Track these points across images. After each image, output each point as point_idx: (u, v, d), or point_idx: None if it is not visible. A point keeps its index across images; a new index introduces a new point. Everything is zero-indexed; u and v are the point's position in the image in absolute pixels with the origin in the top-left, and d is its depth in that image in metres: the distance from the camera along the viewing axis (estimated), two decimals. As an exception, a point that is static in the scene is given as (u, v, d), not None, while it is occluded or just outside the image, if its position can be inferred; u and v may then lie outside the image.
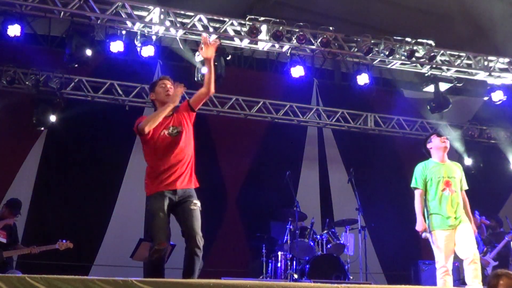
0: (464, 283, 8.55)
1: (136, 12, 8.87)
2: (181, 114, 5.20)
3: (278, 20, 9.38)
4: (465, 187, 6.20)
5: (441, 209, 5.84)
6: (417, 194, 6.01)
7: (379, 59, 10.16)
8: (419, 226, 5.89)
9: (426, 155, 6.40)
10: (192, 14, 9.09)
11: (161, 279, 4.65)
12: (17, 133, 10.29)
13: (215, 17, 9.30)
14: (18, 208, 8.18)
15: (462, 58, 10.52)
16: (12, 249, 7.87)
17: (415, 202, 5.99)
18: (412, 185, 6.11)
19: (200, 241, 5.13)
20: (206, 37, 5.31)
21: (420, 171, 6.14)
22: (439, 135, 6.37)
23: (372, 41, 9.82)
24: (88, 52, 8.73)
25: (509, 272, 4.25)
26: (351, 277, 8.77)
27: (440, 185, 5.94)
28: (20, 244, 8.17)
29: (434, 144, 6.30)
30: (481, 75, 10.75)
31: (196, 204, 5.09)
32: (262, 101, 11.30)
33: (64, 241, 8.09)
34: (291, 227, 8.89)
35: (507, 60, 10.66)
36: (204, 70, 9.22)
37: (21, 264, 9.05)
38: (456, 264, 9.61)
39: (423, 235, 5.87)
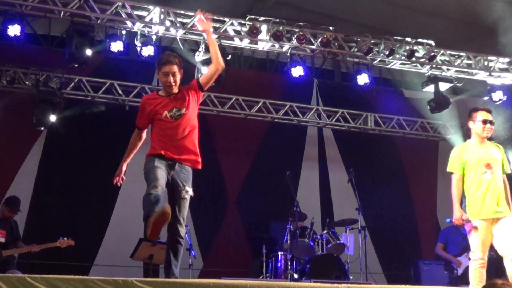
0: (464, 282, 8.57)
1: (136, 12, 8.87)
2: (188, 93, 5.20)
3: (278, 20, 9.38)
4: (508, 170, 5.66)
5: (480, 196, 5.44)
6: (454, 179, 5.63)
7: (379, 59, 10.16)
8: (456, 214, 5.53)
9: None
10: (192, 14, 9.08)
11: (161, 279, 4.66)
12: (17, 133, 10.29)
13: (215, 17, 9.28)
14: (17, 205, 8.18)
15: (462, 58, 10.52)
16: (11, 248, 7.86)
17: (452, 188, 5.62)
18: (448, 169, 5.72)
19: (182, 231, 5.06)
20: (199, 13, 5.35)
21: (457, 153, 5.65)
22: (485, 122, 5.61)
23: (372, 41, 9.82)
24: (88, 52, 8.73)
25: (506, 282, 3.97)
26: (351, 277, 8.77)
27: (480, 168, 5.48)
28: (21, 242, 8.15)
29: (476, 128, 5.66)
30: (481, 75, 10.76)
31: (188, 192, 5.04)
32: (262, 101, 11.30)
33: (65, 238, 8.05)
34: (291, 227, 8.89)
35: (507, 60, 10.66)
36: (205, 70, 9.27)
37: (21, 264, 9.04)
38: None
39: (464, 217, 5.46)
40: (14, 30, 8.38)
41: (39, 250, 7.93)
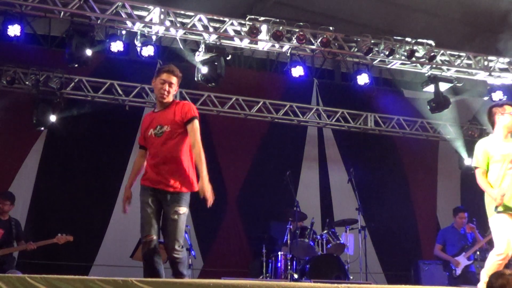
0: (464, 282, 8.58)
1: (136, 12, 8.87)
2: (174, 114, 4.94)
3: (278, 20, 9.38)
4: None
5: (506, 190, 5.30)
6: (479, 173, 5.51)
7: (379, 59, 10.16)
8: (496, 194, 5.30)
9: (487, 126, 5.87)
10: (192, 14, 9.09)
11: (161, 279, 4.65)
12: (17, 133, 10.29)
13: (215, 17, 9.30)
14: (11, 198, 8.20)
15: (462, 58, 10.52)
16: (7, 247, 7.83)
17: (479, 182, 5.48)
18: (473, 164, 5.61)
19: (178, 251, 4.82)
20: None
21: (482, 148, 5.53)
22: None
23: (372, 41, 9.82)
24: (88, 52, 8.73)
25: None
26: (351, 277, 8.77)
27: (506, 163, 5.36)
28: (23, 241, 8.12)
29: (504, 121, 5.51)
30: (481, 75, 10.75)
31: (177, 212, 4.80)
32: (262, 101, 11.30)
33: (63, 234, 8.03)
34: (291, 227, 8.89)
35: (507, 60, 10.66)
36: (204, 70, 9.28)
37: (21, 264, 9.04)
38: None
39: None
40: (14, 30, 8.38)
41: (36, 247, 7.90)
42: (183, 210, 4.87)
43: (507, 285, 3.70)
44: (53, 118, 9.91)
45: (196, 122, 4.96)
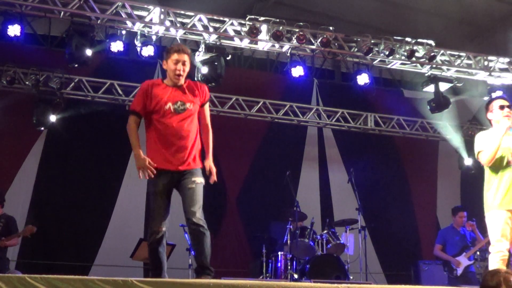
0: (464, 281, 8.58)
1: (136, 12, 8.87)
2: (195, 89, 4.94)
3: (278, 20, 9.38)
4: None
5: (504, 186, 5.26)
6: (482, 154, 5.39)
7: (379, 59, 10.15)
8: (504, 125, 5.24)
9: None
10: (192, 14, 9.09)
11: (161, 279, 4.65)
12: (17, 133, 10.29)
13: (215, 17, 9.30)
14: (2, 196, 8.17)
15: (462, 58, 10.51)
16: None
17: (487, 156, 5.32)
18: (477, 149, 5.48)
19: (200, 219, 4.83)
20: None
21: (486, 137, 5.46)
22: (502, 107, 5.43)
23: (372, 41, 9.82)
24: (88, 52, 8.73)
25: (510, 271, 3.91)
26: (351, 277, 8.76)
27: (505, 158, 5.32)
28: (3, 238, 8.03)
29: (495, 115, 5.47)
30: (481, 75, 10.75)
31: (194, 182, 4.84)
32: (262, 101, 11.30)
33: (29, 225, 7.95)
34: (291, 227, 8.89)
35: (507, 60, 10.65)
36: (204, 70, 9.28)
37: (21, 264, 9.05)
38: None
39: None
40: (14, 30, 8.37)
41: (7, 244, 7.84)
42: (200, 179, 4.92)
43: (502, 283, 3.66)
44: (53, 118, 9.91)
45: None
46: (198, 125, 4.99)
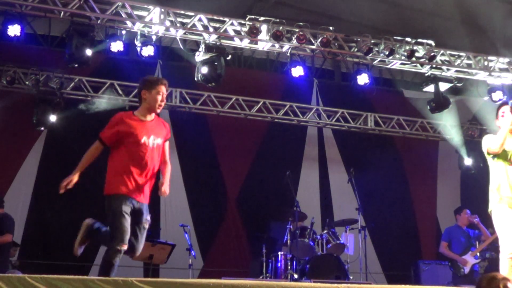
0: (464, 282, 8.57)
1: (136, 12, 8.87)
2: (162, 129, 5.14)
3: (278, 20, 9.38)
4: None
5: (509, 185, 5.35)
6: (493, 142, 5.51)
7: (379, 59, 10.16)
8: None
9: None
10: (192, 14, 9.09)
11: (161, 279, 4.65)
12: (17, 133, 10.29)
13: (215, 17, 9.30)
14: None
15: (462, 58, 10.52)
16: None
17: (496, 144, 5.43)
18: (486, 148, 5.54)
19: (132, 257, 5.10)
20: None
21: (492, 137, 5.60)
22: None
23: (372, 41, 9.82)
24: (88, 52, 8.73)
25: (507, 277, 3.79)
26: (351, 277, 8.77)
27: (509, 155, 5.44)
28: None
29: (499, 124, 5.62)
30: (481, 75, 10.75)
31: (148, 221, 5.04)
32: (262, 101, 11.30)
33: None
34: (291, 227, 8.89)
35: (507, 60, 10.66)
36: (204, 70, 9.28)
37: (21, 264, 9.05)
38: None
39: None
40: (14, 30, 8.38)
41: None
42: (149, 220, 5.09)
43: None
44: (53, 118, 9.91)
45: None
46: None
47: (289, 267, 8.59)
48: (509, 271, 5.15)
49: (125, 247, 4.83)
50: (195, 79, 9.43)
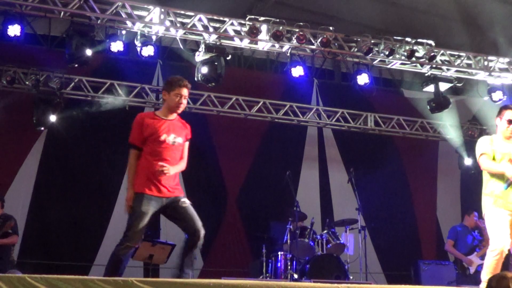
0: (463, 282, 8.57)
1: (136, 12, 8.87)
2: (183, 129, 5.24)
3: (278, 20, 9.38)
4: None
5: (503, 189, 5.36)
6: (484, 158, 5.53)
7: (379, 59, 10.16)
8: (510, 173, 5.29)
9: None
10: (192, 14, 9.09)
11: (161, 279, 4.66)
12: (17, 133, 10.29)
13: (215, 17, 9.30)
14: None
15: (462, 58, 10.52)
16: None
17: (486, 165, 5.49)
18: (479, 152, 5.60)
19: (202, 237, 5.22)
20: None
21: (487, 142, 5.61)
22: (510, 121, 5.54)
23: (372, 41, 9.82)
24: (88, 52, 8.73)
25: None
26: (351, 277, 8.77)
27: (505, 162, 5.43)
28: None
29: (502, 126, 5.63)
30: (481, 75, 10.75)
31: (185, 202, 5.11)
32: (262, 101, 11.30)
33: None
34: (291, 227, 8.89)
35: (507, 60, 10.65)
36: (204, 70, 9.28)
37: (21, 264, 9.05)
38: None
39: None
40: (14, 30, 8.37)
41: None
42: (188, 201, 5.15)
43: None
44: (53, 118, 9.91)
45: None
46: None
47: (289, 267, 8.59)
48: (494, 268, 5.26)
49: (135, 246, 4.98)
50: (195, 79, 9.43)
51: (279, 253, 8.86)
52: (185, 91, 5.16)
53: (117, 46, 8.96)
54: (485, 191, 5.54)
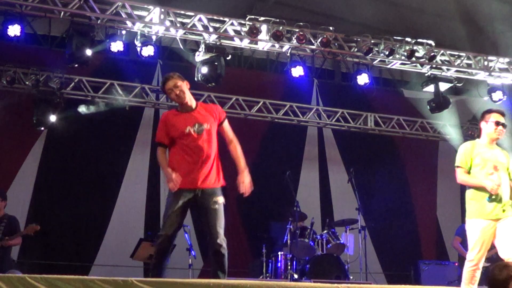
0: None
1: (136, 12, 8.87)
2: (207, 110, 5.24)
3: (278, 20, 9.37)
4: None
5: (484, 196, 5.26)
6: (460, 172, 5.48)
7: (379, 59, 10.15)
8: (494, 187, 5.19)
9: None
10: (192, 14, 9.09)
11: (161, 279, 4.66)
12: (17, 133, 10.29)
13: (215, 17, 9.29)
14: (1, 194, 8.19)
15: (462, 58, 10.52)
16: None
17: (463, 179, 5.46)
18: (457, 163, 5.55)
19: (223, 241, 5.27)
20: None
21: (467, 149, 5.52)
22: (497, 123, 5.48)
23: (372, 41, 9.82)
24: (88, 52, 8.73)
25: None
26: (351, 277, 8.77)
27: (487, 168, 5.34)
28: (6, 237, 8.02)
29: (488, 128, 5.54)
30: (481, 75, 10.75)
31: (217, 202, 5.14)
32: (262, 101, 11.30)
33: (33, 224, 7.95)
34: (291, 227, 8.89)
35: (507, 60, 10.65)
36: (204, 70, 9.28)
37: (21, 264, 9.05)
38: (456, 264, 9.63)
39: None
40: (14, 30, 8.37)
41: (7, 245, 7.83)
42: (222, 199, 5.24)
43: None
44: (53, 118, 9.91)
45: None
46: (217, 145, 5.29)
47: (289, 267, 8.59)
48: (470, 279, 5.27)
49: (167, 235, 5.03)
50: (195, 79, 9.42)
51: (279, 253, 8.87)
52: (170, 83, 5.10)
53: (117, 46, 8.96)
54: (469, 196, 5.46)
